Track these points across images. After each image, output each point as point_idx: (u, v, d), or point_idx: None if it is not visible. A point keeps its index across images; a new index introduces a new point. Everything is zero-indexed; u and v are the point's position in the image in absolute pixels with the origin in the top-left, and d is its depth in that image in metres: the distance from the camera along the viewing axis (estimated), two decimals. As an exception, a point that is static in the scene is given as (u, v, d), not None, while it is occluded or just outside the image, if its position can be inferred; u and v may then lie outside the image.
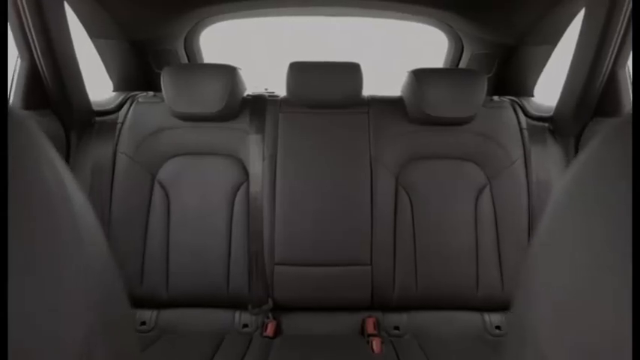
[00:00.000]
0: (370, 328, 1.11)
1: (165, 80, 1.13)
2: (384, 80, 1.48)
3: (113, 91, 1.40)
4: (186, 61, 1.46)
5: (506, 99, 1.26)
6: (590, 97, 1.05)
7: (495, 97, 1.26)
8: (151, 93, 1.25)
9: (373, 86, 1.25)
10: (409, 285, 1.13)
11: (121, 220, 1.12)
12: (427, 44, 1.68)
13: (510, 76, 1.38)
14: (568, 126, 1.14)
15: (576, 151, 1.14)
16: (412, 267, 1.13)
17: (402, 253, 1.13)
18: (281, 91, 1.25)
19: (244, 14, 1.40)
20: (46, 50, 0.96)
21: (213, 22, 1.41)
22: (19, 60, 1.02)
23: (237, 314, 1.15)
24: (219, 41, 1.59)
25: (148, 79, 1.39)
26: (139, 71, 1.39)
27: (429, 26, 1.43)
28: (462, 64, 1.46)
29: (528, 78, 1.36)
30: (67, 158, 1.14)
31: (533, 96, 1.40)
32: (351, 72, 1.17)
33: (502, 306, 1.15)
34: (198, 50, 1.49)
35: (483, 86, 1.13)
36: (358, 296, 1.14)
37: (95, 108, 1.21)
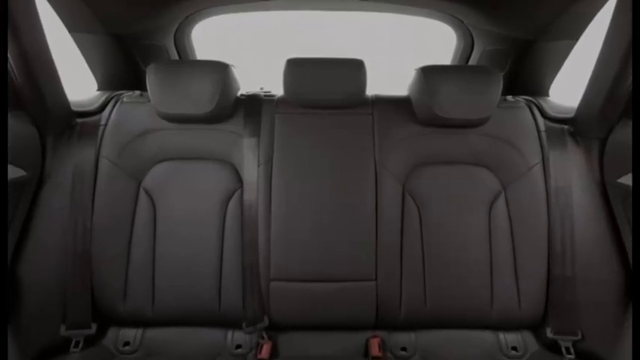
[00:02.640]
0: (375, 349, 1.03)
1: (150, 78, 1.04)
2: (386, 79, 1.40)
3: (97, 90, 1.31)
4: (177, 57, 1.37)
5: (522, 99, 1.18)
6: (619, 97, 0.95)
7: (509, 97, 1.17)
8: (137, 92, 1.17)
9: (376, 86, 1.17)
10: (417, 302, 1.05)
11: (103, 231, 1.04)
12: (430, 43, 1.60)
13: (525, 74, 1.29)
14: (592, 128, 1.05)
15: (601, 155, 1.05)
16: (420, 282, 1.05)
17: (409, 266, 1.05)
18: (278, 91, 1.17)
19: (239, 8, 1.31)
20: (16, 47, 0.87)
21: (206, 17, 1.32)
22: None
23: (229, 334, 1.07)
24: (213, 39, 1.51)
25: (136, 77, 1.30)
26: (125, 69, 1.30)
27: (431, 22, 1.34)
28: (472, 62, 1.37)
29: (545, 76, 1.27)
30: (42, 163, 1.04)
31: (548, 96, 1.31)
32: (353, 69, 1.09)
33: (519, 324, 1.07)
34: (190, 46, 1.40)
35: (499, 85, 1.05)
36: (361, 314, 1.05)
37: (76, 108, 1.12)
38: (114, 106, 1.13)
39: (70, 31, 1.14)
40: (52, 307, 1.01)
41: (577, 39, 1.14)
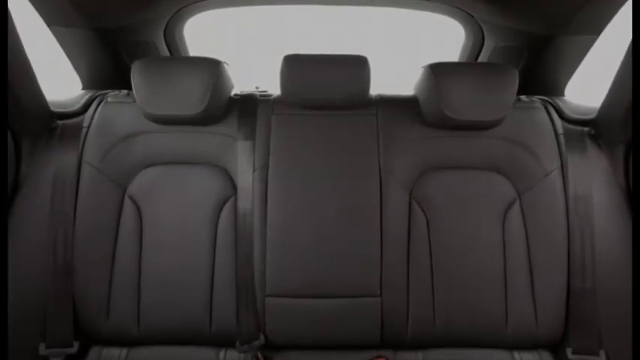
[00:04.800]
0: (379, 370, 0.95)
1: (135, 76, 0.97)
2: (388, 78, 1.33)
3: (82, 89, 1.24)
4: (167, 55, 1.29)
5: (537, 99, 1.11)
6: None
7: (523, 97, 1.10)
8: (124, 92, 1.10)
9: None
10: (426, 319, 0.98)
11: (85, 241, 0.97)
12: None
13: (539, 72, 1.22)
14: (616, 131, 0.98)
15: (626, 160, 0.97)
16: (429, 298, 0.98)
17: (416, 281, 0.98)
18: (274, 90, 1.10)
19: (234, 2, 1.24)
20: None
21: (198, 11, 1.24)
22: None
23: (221, 353, 0.99)
24: (206, 35, 1.44)
25: (123, 75, 1.22)
26: (111, 66, 1.22)
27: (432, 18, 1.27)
28: (482, 60, 1.30)
29: (561, 74, 1.19)
30: (17, 168, 0.97)
31: (564, 95, 1.24)
32: (356, 66, 1.02)
33: (536, 343, 0.99)
34: (182, 43, 1.32)
35: (514, 84, 0.97)
36: (365, 332, 0.98)
37: (56, 109, 1.04)
38: (97, 106, 1.05)
39: (48, 25, 1.06)
40: (31, 323, 0.94)
41: (599, 33, 1.06)
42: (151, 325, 0.98)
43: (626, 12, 0.96)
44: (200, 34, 1.38)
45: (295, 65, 1.02)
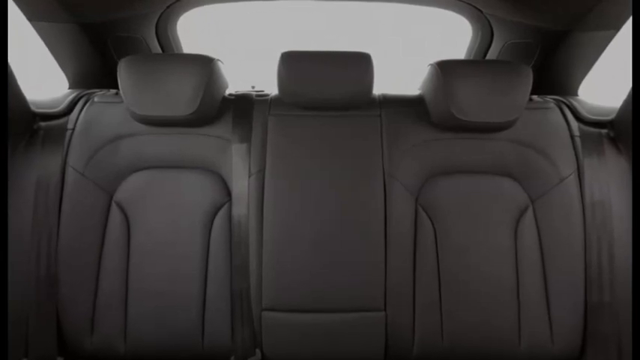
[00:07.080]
0: (383, 390, 0.90)
1: (122, 74, 0.92)
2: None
3: (69, 88, 1.18)
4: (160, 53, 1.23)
5: (550, 99, 1.05)
6: None
7: (535, 97, 1.05)
8: (112, 91, 1.05)
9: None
10: (433, 335, 0.92)
11: (69, 250, 0.92)
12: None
13: (552, 70, 1.16)
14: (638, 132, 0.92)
15: None
16: (437, 312, 0.93)
17: (423, 293, 0.93)
18: (272, 90, 1.06)
19: (229, -4, 1.18)
20: None
21: (192, 6, 1.18)
22: None
23: None
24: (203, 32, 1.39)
25: (113, 74, 1.17)
26: (100, 64, 1.17)
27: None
28: (490, 58, 1.24)
29: (576, 72, 1.14)
30: None
31: (577, 95, 1.18)
32: (359, 64, 0.96)
33: None
34: (175, 40, 1.26)
35: (528, 83, 0.92)
36: (368, 350, 0.93)
37: (39, 109, 0.99)
38: (83, 106, 1.00)
39: (30, 20, 1.01)
40: (13, 336, 0.89)
41: (619, 28, 1.00)
42: (139, 340, 0.93)
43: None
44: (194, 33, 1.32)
45: (293, 63, 0.96)
